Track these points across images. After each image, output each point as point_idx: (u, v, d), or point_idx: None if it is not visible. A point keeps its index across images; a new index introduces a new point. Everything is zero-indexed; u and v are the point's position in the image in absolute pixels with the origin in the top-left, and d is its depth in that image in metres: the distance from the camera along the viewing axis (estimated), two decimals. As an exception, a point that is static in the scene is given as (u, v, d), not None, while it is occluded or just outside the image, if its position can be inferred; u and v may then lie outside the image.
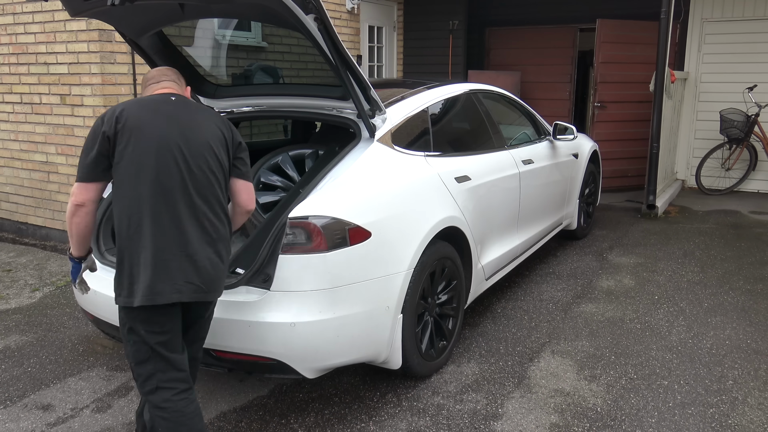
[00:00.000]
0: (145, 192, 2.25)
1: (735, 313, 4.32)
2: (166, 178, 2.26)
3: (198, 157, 2.33)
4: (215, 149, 2.38)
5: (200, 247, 2.31)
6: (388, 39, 9.20)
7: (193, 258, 2.28)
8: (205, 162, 2.34)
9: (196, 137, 2.34)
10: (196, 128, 2.36)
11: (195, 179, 2.31)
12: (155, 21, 3.22)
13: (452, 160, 3.73)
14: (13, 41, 5.86)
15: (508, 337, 3.94)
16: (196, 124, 2.37)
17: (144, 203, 2.24)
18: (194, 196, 2.30)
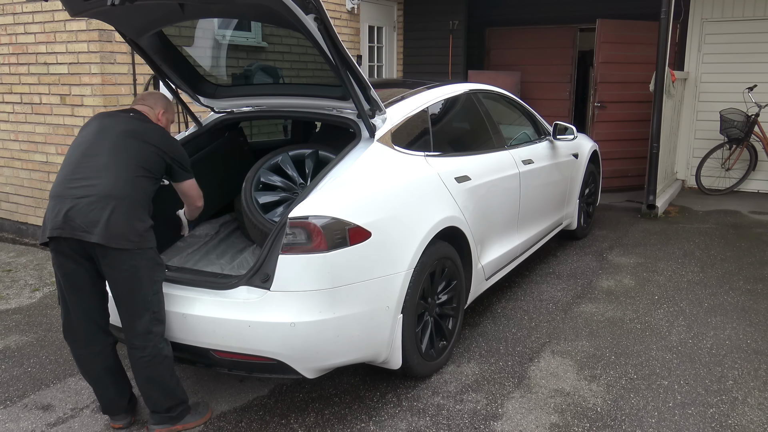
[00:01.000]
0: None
1: (735, 313, 4.32)
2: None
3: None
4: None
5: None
6: (388, 39, 9.20)
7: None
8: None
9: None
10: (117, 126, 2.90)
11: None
12: (155, 21, 3.22)
13: (452, 160, 3.73)
14: (13, 41, 5.86)
15: (508, 337, 3.94)
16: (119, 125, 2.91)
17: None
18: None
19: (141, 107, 3.10)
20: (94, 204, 2.65)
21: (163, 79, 3.75)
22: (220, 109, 3.91)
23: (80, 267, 2.74)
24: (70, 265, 2.73)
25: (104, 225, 2.62)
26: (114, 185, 2.69)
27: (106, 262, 2.69)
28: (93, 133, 2.87)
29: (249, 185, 3.49)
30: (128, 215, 2.68)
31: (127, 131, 2.86)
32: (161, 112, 3.16)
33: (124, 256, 2.68)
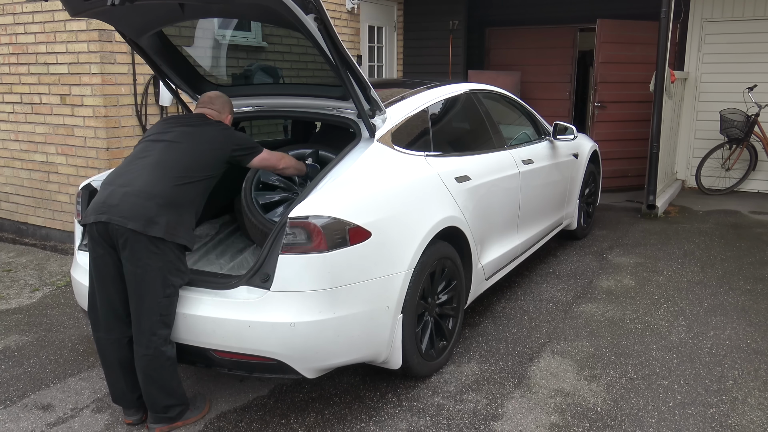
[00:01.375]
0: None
1: (735, 313, 4.32)
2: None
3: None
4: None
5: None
6: (388, 39, 9.20)
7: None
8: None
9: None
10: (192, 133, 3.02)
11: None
12: (155, 21, 3.23)
13: (452, 160, 3.73)
14: (13, 41, 5.86)
15: (508, 337, 3.94)
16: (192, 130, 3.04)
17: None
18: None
19: (207, 110, 3.22)
20: (131, 195, 2.74)
21: (163, 79, 3.75)
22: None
23: (107, 255, 2.79)
24: (98, 250, 2.80)
25: (132, 209, 2.70)
26: (154, 183, 2.78)
27: (126, 255, 2.73)
28: (154, 133, 3.04)
29: (249, 185, 3.49)
30: (163, 209, 2.74)
31: (181, 133, 2.98)
32: (228, 117, 3.30)
33: (143, 250, 2.71)
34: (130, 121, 5.61)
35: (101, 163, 5.48)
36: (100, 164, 5.48)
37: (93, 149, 5.51)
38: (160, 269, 2.74)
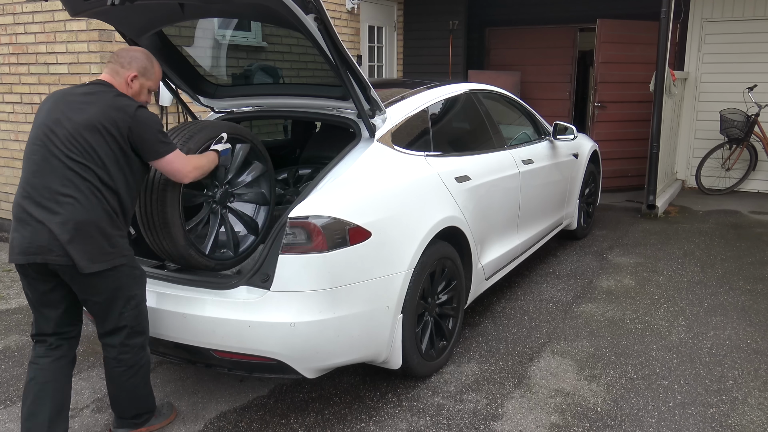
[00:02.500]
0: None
1: (735, 313, 4.32)
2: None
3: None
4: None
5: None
6: (388, 39, 9.20)
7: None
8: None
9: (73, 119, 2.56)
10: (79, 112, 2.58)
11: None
12: (155, 21, 3.23)
13: (452, 160, 3.73)
14: (13, 41, 5.86)
15: (508, 337, 3.94)
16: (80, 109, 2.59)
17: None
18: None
19: (108, 73, 2.73)
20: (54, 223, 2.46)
21: (163, 79, 3.75)
22: (220, 109, 3.91)
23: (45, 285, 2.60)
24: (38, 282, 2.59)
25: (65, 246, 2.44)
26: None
27: (76, 287, 2.58)
28: (43, 124, 2.60)
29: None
30: (91, 232, 2.48)
31: (81, 123, 2.54)
32: (131, 76, 2.71)
33: (92, 281, 2.53)
34: (130, 121, 5.60)
35: (101, 163, 5.47)
36: (100, 164, 5.47)
37: (93, 149, 5.50)
38: (115, 290, 2.60)
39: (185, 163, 2.70)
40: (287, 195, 4.02)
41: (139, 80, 2.73)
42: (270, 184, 3.37)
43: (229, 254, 3.15)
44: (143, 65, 2.74)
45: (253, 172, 3.30)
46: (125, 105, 2.59)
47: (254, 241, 3.25)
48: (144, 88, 2.76)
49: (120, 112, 2.57)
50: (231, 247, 3.17)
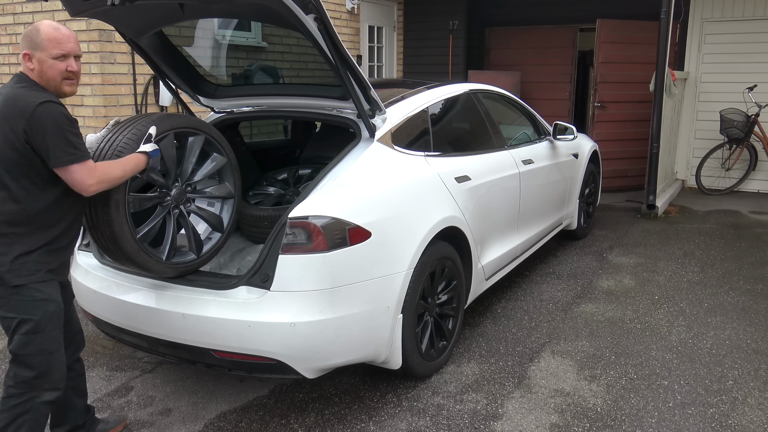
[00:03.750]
0: None
1: (735, 313, 4.32)
2: None
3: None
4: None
5: None
6: (388, 39, 9.20)
7: None
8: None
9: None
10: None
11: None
12: (155, 21, 3.22)
13: (452, 160, 3.73)
14: (13, 41, 5.86)
15: (508, 337, 3.94)
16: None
17: None
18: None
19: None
20: None
21: (163, 79, 3.75)
22: (220, 109, 3.91)
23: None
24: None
25: None
26: None
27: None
28: None
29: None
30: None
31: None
32: (24, 56, 2.34)
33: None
34: (130, 121, 5.60)
35: (101, 163, 5.47)
36: (100, 164, 5.48)
37: (93, 149, 5.50)
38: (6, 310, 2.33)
39: (87, 175, 2.28)
40: (287, 195, 4.02)
41: (34, 57, 2.31)
42: (233, 176, 3.15)
43: (192, 257, 2.97)
44: (28, 38, 2.32)
45: (212, 165, 3.05)
46: (24, 104, 2.22)
47: (220, 239, 3.10)
48: (44, 62, 2.31)
49: (15, 110, 2.23)
50: (193, 249, 2.98)
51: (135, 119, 2.73)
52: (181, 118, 2.94)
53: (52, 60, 2.31)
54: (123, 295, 3.04)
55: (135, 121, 2.72)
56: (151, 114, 2.86)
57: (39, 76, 2.32)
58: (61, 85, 2.36)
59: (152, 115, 2.83)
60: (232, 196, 3.16)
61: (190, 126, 2.92)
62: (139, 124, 2.68)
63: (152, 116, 2.78)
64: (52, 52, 2.31)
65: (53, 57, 2.31)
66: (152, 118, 2.76)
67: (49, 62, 2.31)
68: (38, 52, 2.31)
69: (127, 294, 3.03)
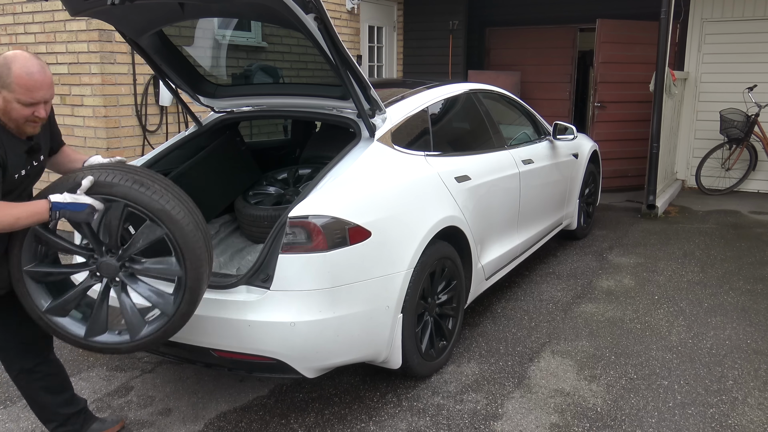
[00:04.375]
0: None
1: (735, 313, 4.32)
2: None
3: None
4: None
5: None
6: (388, 39, 9.20)
7: None
8: None
9: None
10: None
11: None
12: (155, 21, 3.22)
13: (452, 159, 3.73)
14: (13, 41, 5.86)
15: (508, 337, 3.94)
16: None
17: None
18: None
19: None
20: None
21: (163, 79, 3.75)
22: (220, 108, 3.91)
23: None
24: None
25: None
26: None
27: None
28: None
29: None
30: None
31: None
32: None
33: None
34: (130, 121, 5.60)
35: (101, 163, 5.47)
36: (100, 164, 5.48)
37: (93, 149, 5.51)
38: None
39: None
40: (287, 195, 4.02)
41: (1, 93, 2.18)
42: (180, 256, 2.41)
43: (126, 338, 2.52)
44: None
45: (147, 238, 2.44)
46: None
47: (166, 323, 2.49)
48: (9, 103, 2.19)
49: None
50: (131, 329, 2.51)
51: (131, 170, 2.42)
52: (150, 193, 2.35)
53: (18, 105, 2.20)
54: (123, 295, 3.03)
55: (126, 171, 2.40)
56: (148, 173, 2.49)
57: (2, 112, 2.22)
58: (23, 126, 2.27)
59: (147, 173, 2.46)
60: (177, 276, 2.46)
61: (144, 206, 2.34)
62: (127, 174, 2.37)
63: (141, 173, 2.43)
64: (19, 97, 2.19)
65: (20, 102, 2.20)
66: (108, 167, 2.42)
67: (15, 105, 2.20)
68: (5, 91, 2.18)
69: (127, 294, 3.02)
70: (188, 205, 2.45)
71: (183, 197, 2.46)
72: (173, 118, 6.04)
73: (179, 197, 2.42)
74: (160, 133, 5.89)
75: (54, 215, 2.27)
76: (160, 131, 5.90)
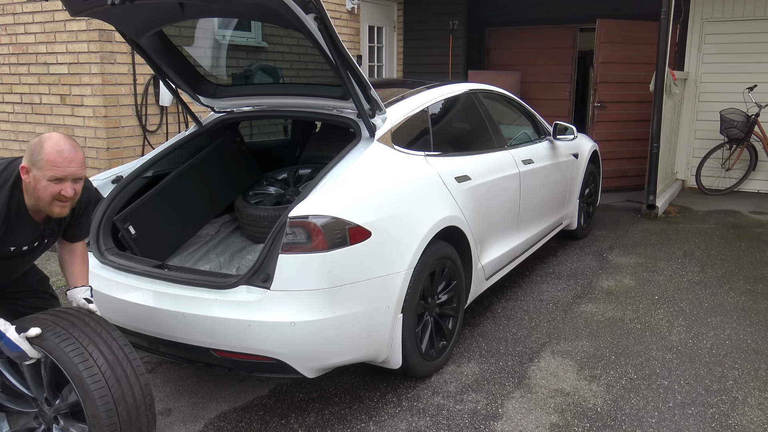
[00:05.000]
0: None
1: (735, 313, 4.32)
2: None
3: None
4: None
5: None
6: (388, 39, 9.20)
7: None
8: None
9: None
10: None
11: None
12: (155, 21, 3.23)
13: (452, 159, 3.73)
14: (13, 41, 5.86)
15: (508, 337, 3.94)
16: None
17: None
18: None
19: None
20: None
21: (163, 79, 3.76)
22: (220, 108, 3.91)
23: None
24: None
25: None
26: None
27: None
28: None
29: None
30: None
31: None
32: (23, 169, 2.28)
33: None
34: (130, 121, 5.61)
35: (101, 163, 5.48)
36: (100, 164, 5.48)
37: (93, 149, 5.51)
38: None
39: None
40: (287, 195, 4.02)
41: (31, 172, 2.25)
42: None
43: None
44: (30, 150, 2.25)
45: (67, 399, 2.36)
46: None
47: None
48: (39, 181, 2.24)
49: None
50: None
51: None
52: (74, 354, 2.23)
53: (46, 182, 2.23)
54: (123, 295, 3.04)
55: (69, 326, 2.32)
56: (105, 332, 2.38)
57: (32, 191, 2.27)
58: (50, 206, 2.29)
59: (103, 332, 2.37)
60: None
61: (64, 366, 2.22)
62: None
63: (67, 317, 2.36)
64: (47, 173, 2.22)
65: (47, 179, 2.23)
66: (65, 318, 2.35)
67: (43, 183, 2.24)
68: (35, 169, 2.24)
69: (127, 293, 3.03)
70: (121, 377, 2.28)
71: (124, 367, 2.31)
72: (173, 118, 6.04)
73: (114, 365, 2.28)
74: (160, 133, 5.89)
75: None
76: (160, 131, 5.90)
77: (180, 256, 3.64)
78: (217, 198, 3.96)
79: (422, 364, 3.32)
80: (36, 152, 2.22)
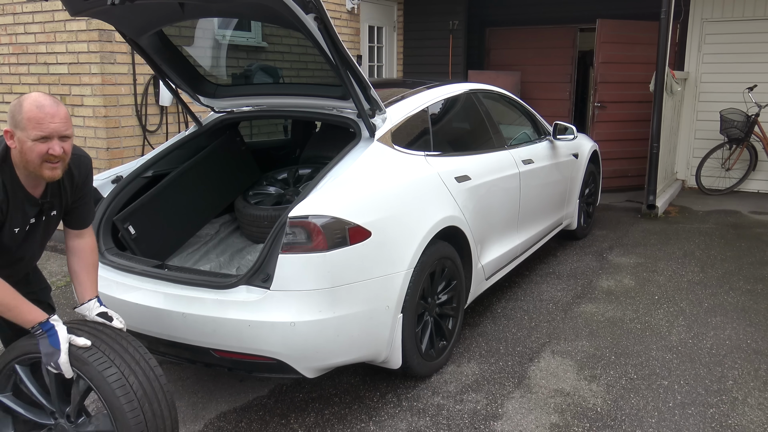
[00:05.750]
0: None
1: (735, 313, 4.32)
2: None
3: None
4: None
5: None
6: (388, 39, 9.20)
7: None
8: None
9: None
10: None
11: None
12: (155, 21, 3.22)
13: (452, 159, 3.73)
14: (13, 41, 5.86)
15: (508, 337, 3.94)
16: None
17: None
18: None
19: None
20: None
21: (163, 78, 3.76)
22: (220, 108, 3.91)
23: None
24: None
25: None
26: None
27: None
28: None
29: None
30: None
31: None
32: (7, 133, 2.20)
33: None
34: (130, 121, 5.61)
35: (101, 163, 5.47)
36: (100, 164, 5.48)
37: (93, 149, 5.51)
38: None
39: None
40: (287, 195, 4.02)
41: (15, 135, 2.14)
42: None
43: None
44: (11, 113, 2.14)
45: (97, 426, 2.32)
46: None
47: None
48: (24, 143, 2.12)
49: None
50: None
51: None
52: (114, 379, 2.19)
53: (32, 143, 2.11)
54: (123, 295, 3.04)
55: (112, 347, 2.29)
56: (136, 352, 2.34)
57: (19, 156, 2.15)
58: (40, 168, 2.15)
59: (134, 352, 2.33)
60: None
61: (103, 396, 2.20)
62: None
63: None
64: (31, 133, 2.10)
65: (32, 139, 2.10)
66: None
67: (29, 144, 2.11)
68: (18, 131, 2.12)
69: (127, 293, 3.03)
70: (157, 410, 2.25)
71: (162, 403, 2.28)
72: (173, 118, 6.04)
73: (152, 399, 2.25)
74: (160, 133, 5.89)
75: (35, 330, 2.19)
76: (160, 131, 5.90)
77: (180, 256, 3.64)
78: (217, 198, 3.96)
79: (422, 364, 3.32)
80: (16, 113, 2.11)
